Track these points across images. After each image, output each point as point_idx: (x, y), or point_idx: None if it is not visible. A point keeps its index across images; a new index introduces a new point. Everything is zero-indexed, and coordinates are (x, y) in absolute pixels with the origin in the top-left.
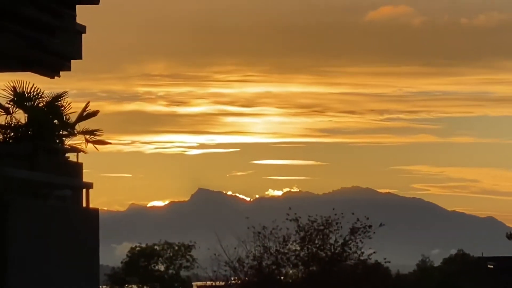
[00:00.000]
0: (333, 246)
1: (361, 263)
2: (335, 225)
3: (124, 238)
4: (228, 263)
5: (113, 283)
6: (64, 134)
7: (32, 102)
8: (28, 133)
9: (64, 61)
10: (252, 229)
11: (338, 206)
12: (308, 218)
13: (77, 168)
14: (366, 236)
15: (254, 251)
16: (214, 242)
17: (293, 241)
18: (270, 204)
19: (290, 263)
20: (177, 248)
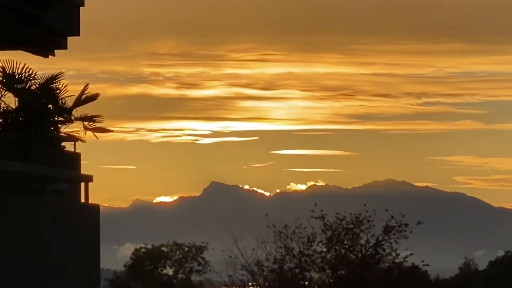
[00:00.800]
0: (364, 247)
1: (396, 267)
2: (366, 223)
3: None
4: (246, 267)
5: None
6: (59, 120)
7: (23, 84)
8: (19, 119)
9: (59, 38)
10: (272, 228)
11: (369, 202)
12: (335, 215)
13: (74, 159)
14: (401, 236)
15: (275, 253)
16: (230, 243)
17: (318, 242)
18: (293, 200)
19: (315, 266)
20: (187, 250)
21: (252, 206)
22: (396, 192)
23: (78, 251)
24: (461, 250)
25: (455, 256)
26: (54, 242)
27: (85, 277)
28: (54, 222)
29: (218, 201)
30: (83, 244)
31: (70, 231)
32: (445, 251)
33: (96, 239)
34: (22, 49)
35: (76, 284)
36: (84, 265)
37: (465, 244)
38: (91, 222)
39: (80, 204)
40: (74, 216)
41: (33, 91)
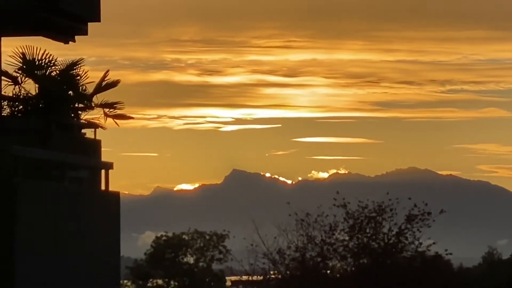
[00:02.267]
0: (386, 235)
1: (419, 255)
2: (389, 211)
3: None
4: (267, 255)
5: (136, 277)
6: (80, 107)
7: (43, 71)
8: (39, 106)
9: (79, 24)
10: (294, 216)
11: (392, 190)
12: (358, 203)
13: (94, 146)
14: (424, 225)
15: (297, 241)
16: (251, 231)
17: (341, 230)
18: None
19: (337, 255)
20: (208, 238)
21: (274, 194)
22: (419, 180)
23: (98, 239)
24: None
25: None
26: (73, 229)
27: (105, 265)
28: (73, 209)
29: (239, 189)
30: (103, 232)
31: (90, 218)
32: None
33: (117, 226)
34: (42, 35)
35: (96, 272)
36: (104, 253)
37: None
38: (111, 209)
39: (100, 191)
40: (94, 203)
41: (53, 78)
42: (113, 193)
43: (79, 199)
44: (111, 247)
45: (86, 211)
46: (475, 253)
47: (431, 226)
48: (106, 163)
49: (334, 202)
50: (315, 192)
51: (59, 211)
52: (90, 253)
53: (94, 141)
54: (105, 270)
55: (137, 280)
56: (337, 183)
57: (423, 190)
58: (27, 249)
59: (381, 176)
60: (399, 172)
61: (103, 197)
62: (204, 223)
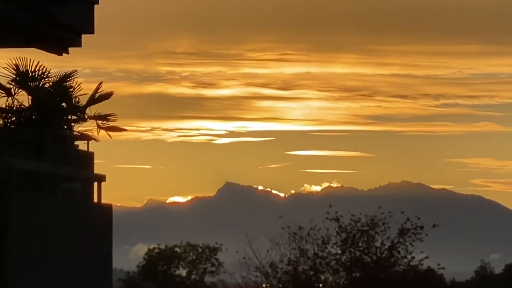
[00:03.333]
0: (379, 249)
1: (411, 269)
2: (381, 225)
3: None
4: (259, 268)
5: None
6: (73, 119)
7: (37, 82)
8: (32, 117)
9: (73, 35)
10: (287, 230)
11: (385, 204)
12: (350, 217)
13: (87, 158)
14: (417, 239)
15: (289, 255)
16: (244, 244)
17: (333, 244)
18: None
19: (330, 268)
20: (201, 251)
21: (267, 207)
22: (412, 194)
23: (91, 251)
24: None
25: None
26: (66, 241)
27: (98, 277)
28: (66, 221)
29: (232, 202)
30: (95, 244)
31: (82, 230)
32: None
33: (109, 239)
34: (35, 47)
35: (88, 284)
36: (96, 265)
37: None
38: (104, 222)
39: (93, 204)
40: (86, 215)
41: (47, 89)
42: (106, 205)
43: (71, 211)
44: (103, 259)
45: (78, 223)
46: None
47: (423, 240)
48: (98, 175)
49: (327, 216)
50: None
51: (52, 222)
52: (83, 265)
53: (87, 153)
54: (97, 282)
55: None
56: (330, 196)
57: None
58: (20, 260)
59: (374, 190)
60: (392, 185)
61: (95, 209)
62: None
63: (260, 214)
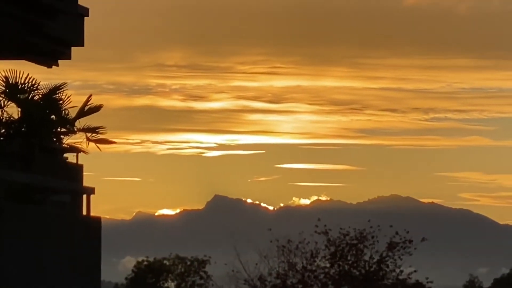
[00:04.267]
0: (368, 263)
1: (400, 283)
2: (370, 239)
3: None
4: (248, 281)
5: None
6: (62, 131)
7: (26, 95)
8: (21, 129)
9: (62, 47)
10: (275, 243)
11: (374, 218)
12: (339, 230)
13: (76, 171)
14: (405, 252)
15: (278, 268)
16: (232, 257)
17: (322, 257)
18: (296, 214)
19: (318, 282)
20: (189, 263)
21: (255, 220)
22: (401, 208)
23: (79, 263)
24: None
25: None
26: (54, 254)
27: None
28: (55, 233)
29: (221, 215)
30: (83, 256)
31: (71, 243)
32: (450, 268)
33: (97, 251)
34: (25, 59)
35: None
36: (85, 278)
37: (469, 261)
38: (92, 234)
39: (82, 216)
40: (75, 228)
41: (36, 102)
42: (94, 218)
43: (60, 223)
44: (92, 271)
45: (67, 236)
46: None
47: (412, 254)
48: (87, 188)
49: (316, 229)
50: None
51: (41, 235)
52: (71, 277)
53: (76, 166)
54: None
55: None
56: (319, 209)
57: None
58: (9, 272)
59: (363, 203)
60: (381, 199)
61: (84, 222)
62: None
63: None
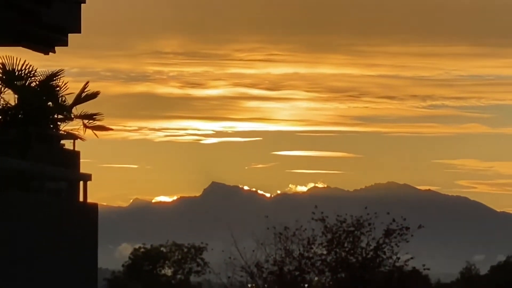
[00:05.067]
0: (364, 250)
1: (396, 270)
2: (367, 226)
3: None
4: (245, 268)
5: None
6: (59, 118)
7: (23, 81)
8: (18, 116)
9: (59, 34)
10: (272, 230)
11: (371, 205)
12: (336, 218)
13: (73, 158)
14: (402, 239)
15: (275, 255)
16: (229, 244)
17: (319, 244)
18: (293, 202)
19: (315, 269)
20: (186, 250)
21: (252, 207)
22: (398, 195)
23: (76, 250)
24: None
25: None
26: (51, 240)
27: (83, 277)
28: (52, 220)
29: (218, 202)
30: (80, 243)
31: (67, 230)
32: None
33: (94, 238)
34: (22, 46)
35: (73, 284)
36: (81, 264)
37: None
38: (89, 221)
39: (78, 203)
40: (72, 215)
41: (33, 88)
42: (91, 204)
43: (57, 210)
44: (89, 258)
45: (64, 223)
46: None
47: (409, 241)
48: (84, 175)
49: (313, 216)
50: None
51: (37, 222)
52: (68, 264)
53: (73, 153)
54: (82, 281)
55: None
56: (315, 197)
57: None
58: (5, 260)
59: (359, 191)
60: (378, 186)
61: (81, 209)
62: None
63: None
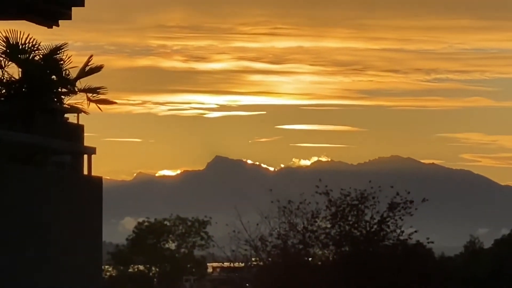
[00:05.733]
0: (368, 223)
1: (400, 244)
2: (371, 199)
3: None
4: (249, 242)
5: (117, 263)
6: (63, 91)
7: (27, 55)
8: (22, 90)
9: (63, 8)
10: (276, 203)
11: (375, 178)
12: (340, 191)
13: (77, 131)
14: (406, 213)
15: (279, 229)
16: (233, 218)
17: (323, 218)
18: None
19: (319, 242)
20: (190, 224)
21: (256, 181)
22: (402, 169)
23: (80, 223)
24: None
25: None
26: (55, 214)
27: (87, 251)
28: (56, 194)
29: (222, 176)
30: (85, 216)
31: (72, 203)
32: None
33: (99, 212)
34: (25, 19)
35: (77, 257)
36: (86, 238)
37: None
38: (94, 194)
39: (83, 176)
40: (76, 188)
41: (37, 62)
42: (96, 178)
43: (61, 183)
44: (93, 232)
45: (68, 196)
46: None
47: (413, 214)
48: (88, 148)
49: (317, 190)
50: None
51: (41, 195)
52: (72, 238)
53: (77, 126)
54: (87, 254)
55: (118, 265)
56: (319, 170)
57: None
58: (8, 235)
59: (363, 164)
60: (382, 160)
61: (85, 182)
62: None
63: (250, 188)
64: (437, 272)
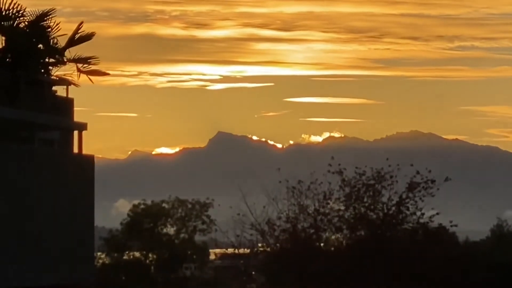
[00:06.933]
0: (386, 205)
1: (421, 227)
2: (388, 179)
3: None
4: (255, 226)
5: (111, 249)
6: (51, 62)
7: (11, 22)
8: (5, 60)
9: None
10: (285, 184)
11: (392, 156)
12: (355, 170)
13: (66, 105)
14: (427, 194)
15: (288, 211)
16: (238, 199)
17: (336, 199)
18: (308, 153)
19: (332, 226)
20: (190, 207)
21: (263, 159)
22: (422, 145)
23: (70, 206)
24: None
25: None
26: (43, 195)
27: (78, 235)
28: (43, 173)
29: (225, 153)
30: (75, 198)
31: (61, 183)
32: (476, 211)
33: (90, 193)
34: None
35: (68, 242)
36: (76, 222)
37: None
38: (85, 174)
39: (72, 155)
40: (65, 167)
41: (22, 29)
42: (87, 156)
43: (49, 162)
44: (85, 215)
45: (57, 176)
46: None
47: (434, 195)
48: (79, 124)
49: (329, 168)
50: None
51: (28, 174)
52: (62, 222)
53: (66, 100)
54: (77, 240)
55: (112, 252)
56: (332, 147)
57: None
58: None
59: (380, 140)
60: (401, 136)
61: (76, 161)
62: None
63: (256, 167)
64: (461, 258)
